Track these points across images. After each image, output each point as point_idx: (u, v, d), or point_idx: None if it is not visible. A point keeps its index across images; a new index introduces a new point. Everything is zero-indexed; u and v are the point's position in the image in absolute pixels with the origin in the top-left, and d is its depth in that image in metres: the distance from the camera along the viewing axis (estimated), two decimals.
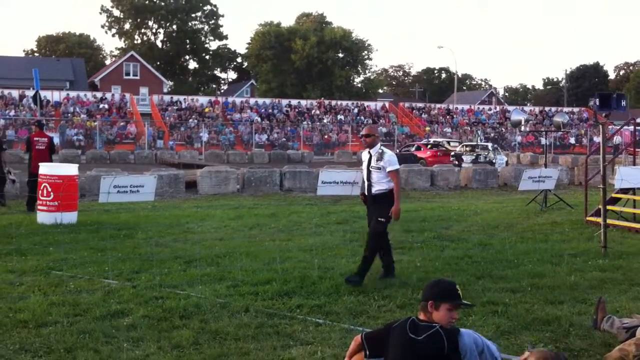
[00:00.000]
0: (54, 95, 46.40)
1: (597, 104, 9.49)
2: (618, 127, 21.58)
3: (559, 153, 41.87)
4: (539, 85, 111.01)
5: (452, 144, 38.44)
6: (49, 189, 11.37)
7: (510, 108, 60.21)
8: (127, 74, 65.03)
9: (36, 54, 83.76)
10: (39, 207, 11.60)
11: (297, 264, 8.26)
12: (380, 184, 7.68)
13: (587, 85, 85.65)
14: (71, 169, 12.15)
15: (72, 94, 48.62)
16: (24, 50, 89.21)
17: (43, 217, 11.39)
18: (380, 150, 7.75)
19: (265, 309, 6.35)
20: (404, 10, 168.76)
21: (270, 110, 51.15)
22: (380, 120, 52.86)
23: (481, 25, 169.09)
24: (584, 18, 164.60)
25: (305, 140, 45.67)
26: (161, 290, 6.92)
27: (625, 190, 12.73)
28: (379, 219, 7.55)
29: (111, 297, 6.65)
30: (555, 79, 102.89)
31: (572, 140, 51.47)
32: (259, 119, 48.60)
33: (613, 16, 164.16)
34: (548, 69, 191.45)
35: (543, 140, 40.89)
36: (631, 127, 16.51)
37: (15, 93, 45.05)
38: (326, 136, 47.24)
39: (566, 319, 6.09)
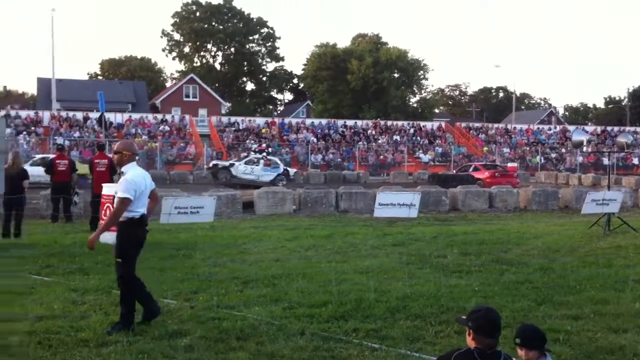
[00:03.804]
0: (117, 117, 47.79)
1: None
2: None
3: (621, 174, 40.65)
4: (600, 104, 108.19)
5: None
6: (112, 209, 11.65)
7: (570, 128, 58.88)
8: (187, 95, 66.54)
9: (99, 77, 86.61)
10: None
11: (353, 287, 8.24)
12: None
13: None
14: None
15: (135, 115, 49.99)
16: (88, 74, 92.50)
17: (105, 237, 11.56)
18: (123, 171, 6.65)
19: (321, 332, 6.35)
20: (460, 29, 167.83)
21: (326, 131, 51.39)
22: (437, 140, 52.44)
23: (540, 43, 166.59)
24: None
25: (361, 161, 45.67)
26: (218, 310, 7.00)
27: None
28: (116, 259, 6.56)
29: (170, 317, 6.76)
30: (617, 98, 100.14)
31: (635, 161, 49.90)
32: (314, 140, 48.89)
33: None
34: (610, 87, 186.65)
35: (606, 161, 39.80)
36: None
37: (79, 115, 46.62)
38: (382, 156, 47.13)
39: (630, 348, 5.90)
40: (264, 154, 33.24)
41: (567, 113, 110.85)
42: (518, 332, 3.94)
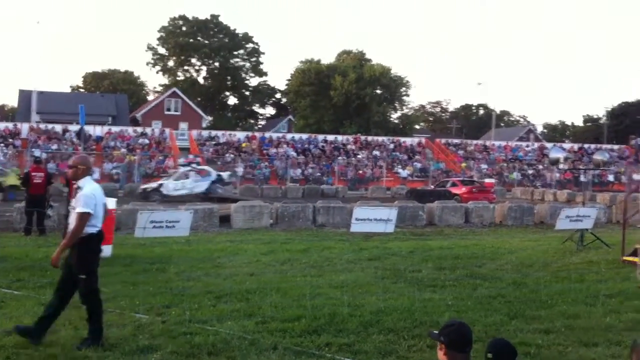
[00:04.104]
0: (96, 130, 47.52)
1: (639, 142, 9.37)
2: None
3: (597, 190, 41.11)
4: (579, 122, 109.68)
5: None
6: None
7: (548, 145, 59.52)
8: (169, 109, 66.35)
9: (82, 90, 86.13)
10: None
11: (327, 301, 8.24)
12: None
13: (628, 122, 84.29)
14: (108, 203, 12.36)
15: (114, 128, 49.75)
16: (70, 86, 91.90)
17: None
18: (79, 186, 6.40)
19: (294, 346, 6.33)
20: (443, 47, 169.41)
21: (306, 146, 51.48)
22: (416, 156, 52.74)
23: (520, 61, 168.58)
24: (626, 54, 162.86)
25: (340, 175, 45.75)
26: (190, 325, 6.96)
27: None
28: (80, 276, 6.22)
29: (141, 332, 6.70)
30: (595, 116, 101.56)
31: (611, 178, 50.54)
32: (294, 154, 48.94)
33: None
34: (588, 105, 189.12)
35: (582, 178, 40.25)
36: None
37: (58, 127, 46.29)
38: (361, 171, 47.26)
39: None
40: (193, 165, 32.74)
41: (545, 131, 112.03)
42: (490, 347, 3.94)
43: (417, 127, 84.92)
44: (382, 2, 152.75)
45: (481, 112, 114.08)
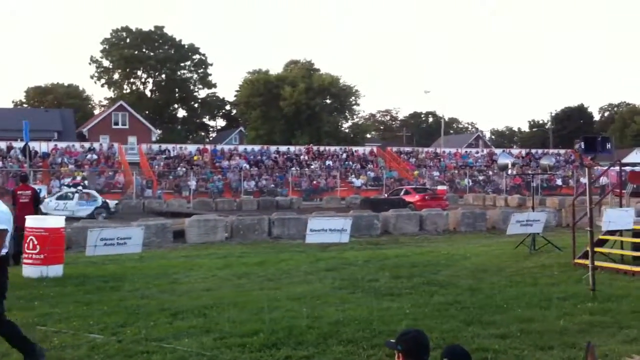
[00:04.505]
0: (42, 147, 46.39)
1: (583, 147, 9.60)
2: (604, 168, 21.78)
3: (546, 195, 42.09)
4: (525, 128, 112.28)
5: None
6: (35, 242, 11.26)
7: (497, 151, 60.71)
8: (116, 123, 65.29)
9: (25, 105, 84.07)
10: (25, 261, 11.47)
11: (286, 314, 8.18)
12: None
13: (572, 126, 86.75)
14: (58, 221, 12.07)
15: (61, 144, 48.67)
16: (12, 102, 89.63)
17: (28, 270, 11.26)
18: None
19: None
20: (391, 55, 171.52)
21: (258, 157, 51.32)
22: (369, 165, 53.12)
23: (467, 68, 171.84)
24: (569, 60, 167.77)
25: (294, 186, 45.75)
26: (147, 344, 6.81)
27: (612, 232, 12.78)
28: None
29: (96, 352, 6.53)
30: (540, 121, 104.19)
31: (559, 182, 51.82)
32: (247, 166, 48.72)
33: (597, 58, 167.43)
34: (533, 111, 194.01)
35: (531, 183, 41.18)
36: (617, 168, 16.66)
37: (2, 144, 45.04)
38: (315, 182, 47.33)
39: None
40: (79, 187, 32.02)
41: (493, 137, 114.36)
42: (446, 354, 3.96)
43: (368, 136, 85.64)
44: (329, 12, 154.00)
45: (430, 119, 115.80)
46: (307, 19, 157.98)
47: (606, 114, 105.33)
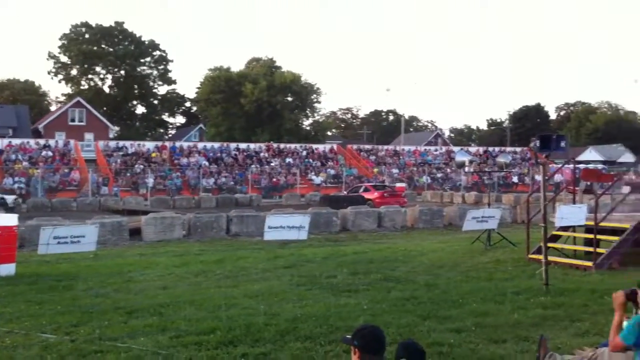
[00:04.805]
0: None
1: (538, 145, 9.77)
2: (559, 166, 22.21)
3: (503, 192, 42.75)
4: (484, 126, 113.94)
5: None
6: None
7: (455, 149, 61.43)
8: (73, 119, 64.04)
9: None
10: None
11: (243, 311, 8.14)
12: None
13: (529, 125, 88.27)
14: (10, 220, 11.78)
15: (15, 141, 47.53)
16: None
17: (2, 268, 10.97)
18: None
19: (209, 359, 6.21)
20: (353, 54, 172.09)
21: (218, 154, 50.94)
22: (329, 163, 53.21)
23: (427, 67, 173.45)
24: (526, 60, 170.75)
25: (254, 184, 45.53)
26: (101, 343, 6.70)
27: (565, 228, 13.06)
28: None
29: (49, 352, 6.40)
30: (499, 120, 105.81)
31: (515, 179, 52.67)
32: (206, 163, 48.32)
33: (554, 58, 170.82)
34: (492, 110, 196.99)
35: (487, 180, 41.74)
36: (571, 166, 17.02)
37: None
38: (274, 179, 47.21)
39: (510, 358, 6.15)
40: None
41: (452, 135, 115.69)
42: (403, 351, 3.95)
43: (328, 133, 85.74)
44: (290, 9, 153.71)
45: (391, 117, 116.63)
46: (269, 16, 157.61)
47: (562, 112, 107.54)
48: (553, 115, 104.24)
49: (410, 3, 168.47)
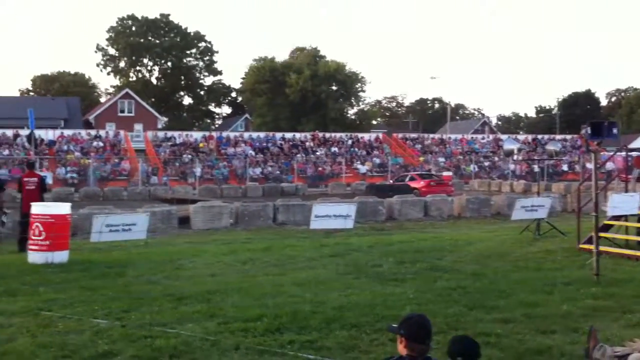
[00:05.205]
0: (49, 134, 46.47)
1: (589, 132, 9.56)
2: (610, 154, 21.66)
3: (552, 180, 41.95)
4: (532, 113, 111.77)
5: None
6: (41, 229, 11.31)
7: (503, 137, 60.46)
8: (122, 111, 65.36)
9: (31, 93, 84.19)
10: (30, 247, 11.53)
11: (289, 299, 8.21)
12: None
13: (579, 112, 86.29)
14: (63, 208, 12.11)
15: (67, 132, 48.73)
16: (19, 90, 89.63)
17: (34, 257, 11.33)
18: None
19: (256, 345, 6.28)
20: (397, 42, 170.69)
21: (264, 144, 51.28)
22: (374, 151, 53.02)
23: (473, 54, 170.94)
24: (575, 46, 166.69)
25: (299, 173, 45.71)
26: (151, 329, 6.85)
27: (617, 217, 12.76)
28: None
29: (100, 337, 6.57)
30: (547, 107, 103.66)
31: (565, 168, 51.62)
32: (253, 153, 48.70)
33: (604, 43, 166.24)
34: (540, 97, 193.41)
35: (536, 168, 41.01)
36: (623, 153, 16.59)
37: (9, 132, 45.09)
38: (320, 168, 47.31)
39: (558, 349, 6.06)
40: None
41: (499, 122, 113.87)
42: (459, 349, 3.91)
43: (374, 122, 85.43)
44: None
45: (436, 105, 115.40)
46: (313, 6, 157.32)
47: (613, 99, 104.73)
48: (604, 102, 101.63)
49: None
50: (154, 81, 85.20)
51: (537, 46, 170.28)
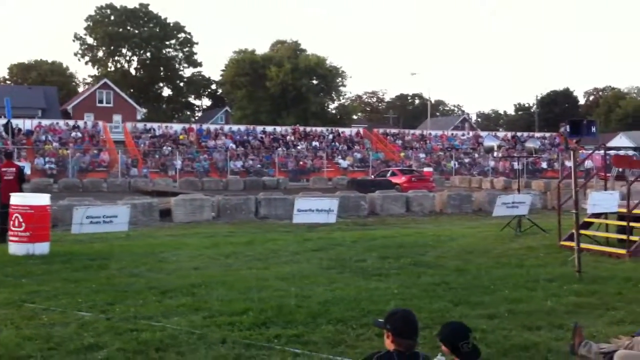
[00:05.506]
0: (26, 124, 45.89)
1: (568, 130, 9.63)
2: (589, 152, 21.93)
3: (531, 178, 42.33)
4: (511, 111, 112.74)
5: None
6: (21, 220, 11.17)
7: (483, 134, 60.89)
8: (101, 101, 64.73)
9: (8, 82, 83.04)
10: (11, 238, 11.38)
11: (274, 293, 8.19)
12: None
13: (557, 110, 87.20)
14: (43, 199, 11.95)
15: (45, 122, 48.18)
16: None
17: (15, 248, 11.19)
18: None
19: (243, 339, 6.26)
20: (378, 37, 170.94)
21: (245, 137, 51.12)
22: (355, 147, 53.11)
23: (453, 51, 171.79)
24: (555, 44, 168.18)
25: (281, 167, 45.67)
26: (136, 322, 6.80)
27: (597, 215, 12.90)
28: None
29: (85, 330, 6.50)
30: (526, 105, 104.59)
31: (545, 165, 52.13)
32: (233, 146, 48.53)
33: (582, 42, 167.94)
34: (519, 94, 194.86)
35: (516, 166, 41.36)
36: (602, 152, 16.78)
37: None
38: (301, 162, 47.28)
39: (544, 345, 6.10)
40: None
41: (479, 119, 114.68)
42: (464, 335, 3.92)
43: (354, 117, 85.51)
44: None
45: (417, 101, 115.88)
46: None
47: (591, 97, 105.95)
48: (582, 100, 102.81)
49: None
50: (133, 72, 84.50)
51: (516, 44, 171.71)
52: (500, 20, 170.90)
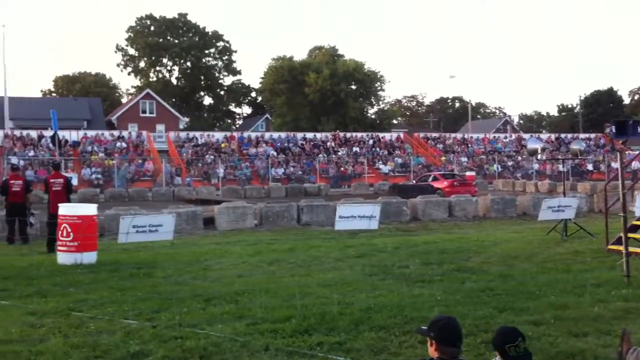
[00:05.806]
0: (72, 135, 46.97)
1: (614, 130, 9.44)
2: (636, 153, 21.42)
3: (577, 180, 41.52)
4: (554, 112, 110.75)
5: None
6: (69, 230, 11.45)
7: (525, 136, 59.95)
8: (144, 111, 65.86)
9: (53, 94, 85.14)
10: (59, 248, 11.67)
11: (317, 300, 8.20)
12: None
13: (601, 110, 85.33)
14: (90, 209, 12.24)
15: (90, 133, 49.21)
16: (41, 91, 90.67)
17: (63, 257, 11.46)
18: None
19: (285, 347, 6.29)
20: (416, 40, 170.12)
21: (285, 144, 51.37)
22: (396, 151, 52.87)
23: (493, 53, 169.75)
24: (597, 43, 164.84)
25: (322, 173, 45.73)
26: (181, 329, 6.90)
27: None
28: None
29: (131, 338, 6.63)
30: (569, 105, 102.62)
31: (590, 167, 51.07)
32: (274, 153, 48.80)
33: (626, 41, 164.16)
34: (562, 95, 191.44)
35: (560, 168, 40.61)
36: None
37: (33, 133, 45.65)
38: (342, 168, 47.27)
39: (591, 352, 5.99)
40: None
41: (521, 121, 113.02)
42: (512, 339, 3.89)
43: (394, 122, 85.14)
44: None
45: (457, 105, 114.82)
46: (331, 4, 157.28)
47: (636, 97, 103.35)
48: (627, 100, 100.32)
49: None
50: (174, 81, 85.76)
51: (558, 44, 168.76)
52: (541, 20, 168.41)
